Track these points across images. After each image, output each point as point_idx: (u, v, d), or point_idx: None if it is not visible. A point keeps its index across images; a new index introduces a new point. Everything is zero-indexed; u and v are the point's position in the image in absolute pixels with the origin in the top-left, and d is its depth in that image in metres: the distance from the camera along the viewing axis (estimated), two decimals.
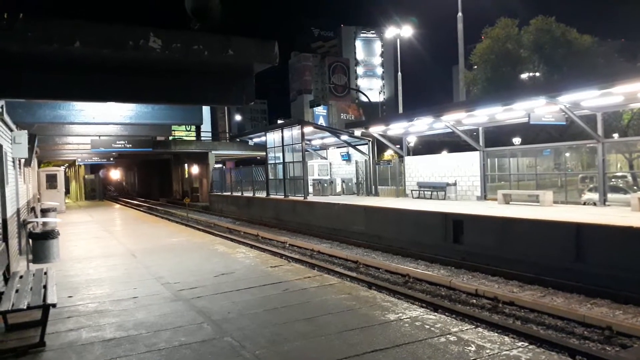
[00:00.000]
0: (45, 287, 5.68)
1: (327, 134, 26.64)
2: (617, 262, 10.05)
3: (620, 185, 20.70)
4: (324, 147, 29.82)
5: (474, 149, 19.45)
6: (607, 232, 10.51)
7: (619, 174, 22.98)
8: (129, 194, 63.78)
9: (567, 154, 19.95)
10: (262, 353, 4.58)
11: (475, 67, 34.01)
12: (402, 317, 5.43)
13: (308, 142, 27.08)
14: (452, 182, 20.05)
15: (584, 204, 16.77)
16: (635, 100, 13.89)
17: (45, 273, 6.33)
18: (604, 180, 15.12)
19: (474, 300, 9.67)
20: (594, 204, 15.88)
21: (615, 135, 26.34)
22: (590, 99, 13.95)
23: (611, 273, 10.00)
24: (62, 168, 30.10)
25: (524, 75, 31.48)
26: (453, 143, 37.59)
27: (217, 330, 5.28)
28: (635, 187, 19.77)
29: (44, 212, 16.06)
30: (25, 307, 4.92)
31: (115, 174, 70.21)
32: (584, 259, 10.72)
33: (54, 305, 5.12)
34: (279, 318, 5.62)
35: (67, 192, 38.22)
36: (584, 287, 9.84)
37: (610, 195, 15.50)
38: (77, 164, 37.29)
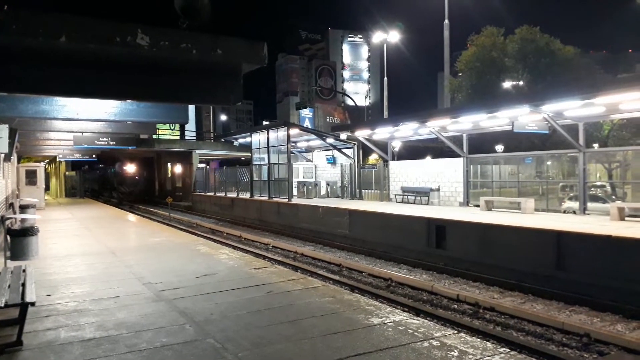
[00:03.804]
0: (23, 284, 5.55)
1: (313, 136, 26.65)
2: (596, 270, 10.22)
3: (600, 194, 21.11)
4: (310, 150, 29.81)
5: (458, 155, 19.64)
6: (586, 241, 10.69)
7: (598, 183, 23.44)
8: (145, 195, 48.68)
9: (549, 163, 20.26)
10: (245, 355, 4.55)
11: (461, 74, 34.36)
12: (386, 321, 5.44)
13: (294, 144, 27.06)
14: (436, 188, 20.20)
15: (564, 212, 17.04)
16: (616, 111, 14.18)
17: (24, 270, 6.19)
18: (585, 189, 15.38)
19: (456, 306, 9.74)
20: (574, 212, 16.14)
21: (596, 146, 26.84)
22: (573, 109, 14.19)
23: (590, 281, 10.17)
24: (43, 164, 29.55)
25: (508, 84, 31.91)
26: (437, 149, 37.87)
27: (200, 332, 5.23)
28: (613, 197, 20.17)
29: (23, 208, 15.75)
30: (2, 305, 4.79)
31: (132, 168, 49.68)
32: (563, 267, 10.88)
33: (32, 304, 5.01)
34: (262, 320, 5.58)
35: (47, 188, 37.54)
36: (563, 294, 9.99)
37: (590, 204, 15.78)
38: (57, 160, 36.64)
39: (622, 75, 27.80)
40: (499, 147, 34.09)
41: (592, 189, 19.92)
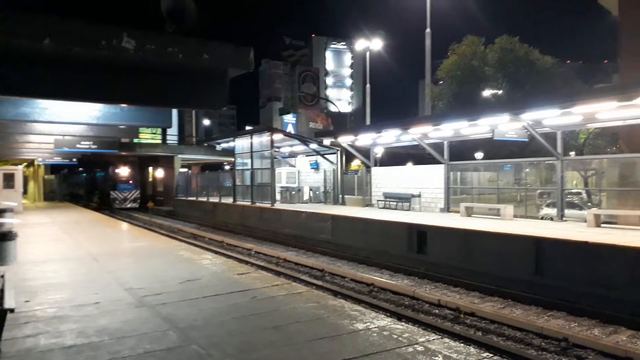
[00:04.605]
0: (2, 290, 5.46)
1: (296, 141, 26.67)
2: (573, 275, 10.43)
3: (576, 201, 21.55)
4: (293, 155, 29.81)
5: (439, 162, 19.85)
6: (564, 247, 10.90)
7: (575, 190, 23.92)
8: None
9: (527, 170, 20.62)
10: None
11: (441, 82, 34.78)
12: (370, 327, 5.48)
13: (277, 150, 27.02)
14: (417, 194, 20.39)
15: (542, 218, 17.35)
16: (593, 120, 14.52)
17: (2, 276, 6.09)
18: (562, 196, 15.69)
19: (437, 311, 9.84)
20: (551, 218, 16.44)
21: (572, 154, 27.40)
22: (551, 118, 14.49)
23: (568, 286, 10.37)
24: (21, 167, 28.97)
25: (488, 92, 32.39)
26: (418, 155, 38.19)
27: (183, 338, 5.20)
28: (589, 204, 20.61)
29: (0, 212, 15.38)
30: None
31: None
32: (542, 272, 11.08)
33: (12, 310, 4.92)
34: (247, 326, 5.58)
35: (25, 192, 36.79)
36: (541, 299, 10.16)
37: (567, 211, 16.09)
38: (36, 163, 35.96)
39: (599, 86, 28.46)
40: (479, 155, 34.55)
41: (569, 196, 20.30)
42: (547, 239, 11.36)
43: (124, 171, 42.40)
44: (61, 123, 11.62)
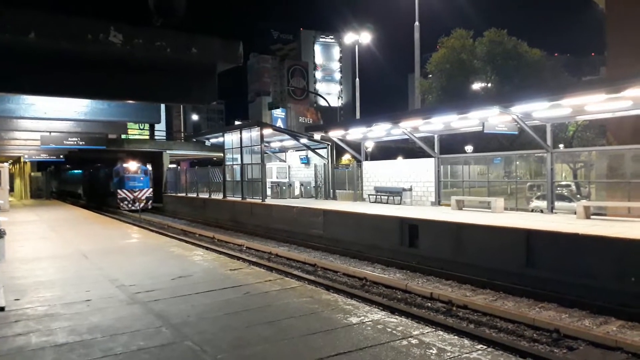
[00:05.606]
0: None
1: (287, 136, 26.58)
2: (564, 267, 10.52)
3: (565, 193, 21.75)
4: (283, 150, 29.72)
5: (429, 156, 19.90)
6: (555, 239, 10.99)
7: (564, 182, 24.15)
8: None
9: (517, 163, 20.77)
10: (224, 357, 4.51)
11: (431, 75, 34.83)
12: (364, 320, 5.48)
13: (267, 145, 26.91)
14: (408, 188, 20.42)
15: (532, 211, 17.47)
16: (581, 112, 14.62)
17: None
18: (552, 188, 15.80)
19: (429, 304, 9.88)
20: (541, 211, 16.56)
21: (561, 146, 27.63)
22: (540, 110, 14.56)
23: (559, 278, 10.46)
24: (6, 164, 28.55)
25: (477, 85, 32.49)
26: (408, 149, 38.29)
27: (177, 334, 5.16)
28: (578, 196, 20.81)
29: None
30: None
31: None
32: (533, 264, 11.17)
33: (2, 309, 4.87)
34: (240, 322, 5.54)
35: (11, 190, 36.27)
36: (533, 291, 10.24)
37: (557, 203, 16.21)
38: (22, 160, 35.48)
39: (587, 78, 28.75)
40: (469, 148, 34.71)
41: (559, 189, 20.48)
42: (537, 231, 11.44)
43: (132, 166, 35.14)
44: (48, 119, 11.43)
